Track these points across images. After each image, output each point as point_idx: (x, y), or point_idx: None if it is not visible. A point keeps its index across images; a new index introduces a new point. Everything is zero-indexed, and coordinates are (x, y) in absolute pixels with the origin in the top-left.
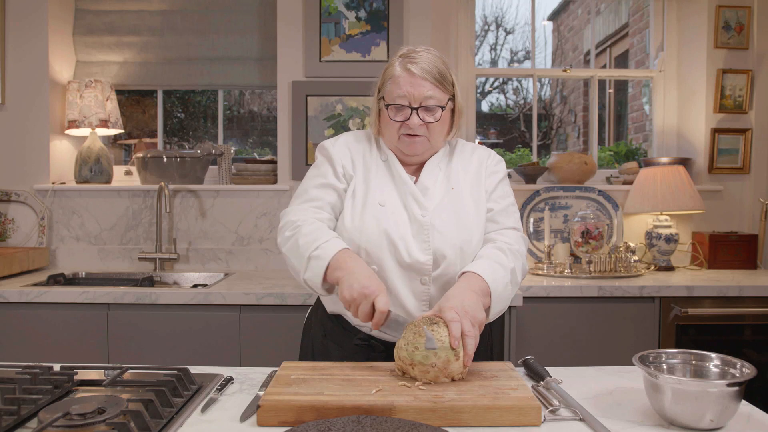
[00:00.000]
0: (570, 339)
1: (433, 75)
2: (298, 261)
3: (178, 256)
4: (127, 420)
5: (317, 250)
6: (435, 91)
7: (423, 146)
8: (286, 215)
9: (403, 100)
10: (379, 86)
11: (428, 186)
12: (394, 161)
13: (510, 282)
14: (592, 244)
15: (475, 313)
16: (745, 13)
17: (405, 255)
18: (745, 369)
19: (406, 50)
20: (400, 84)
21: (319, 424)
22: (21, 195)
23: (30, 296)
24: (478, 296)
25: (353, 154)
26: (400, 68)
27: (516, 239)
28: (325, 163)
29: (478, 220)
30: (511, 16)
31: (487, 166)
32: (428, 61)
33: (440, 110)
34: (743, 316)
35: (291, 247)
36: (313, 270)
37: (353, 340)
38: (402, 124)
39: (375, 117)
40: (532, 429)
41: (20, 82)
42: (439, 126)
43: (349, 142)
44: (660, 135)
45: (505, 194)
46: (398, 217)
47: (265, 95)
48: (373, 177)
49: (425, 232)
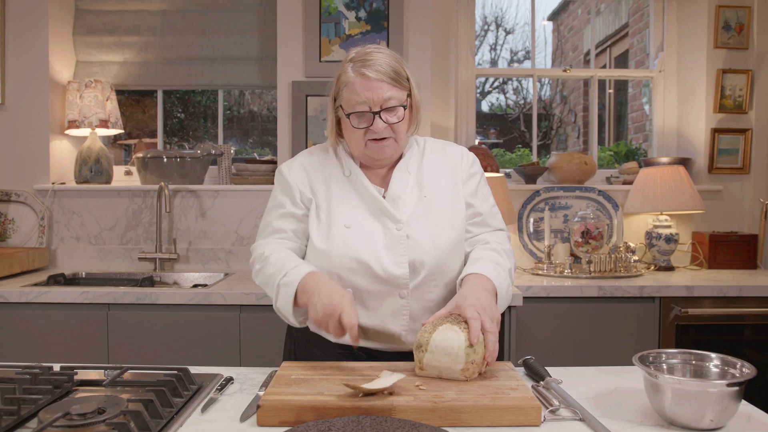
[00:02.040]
0: (570, 339)
1: (389, 75)
2: (270, 291)
3: (178, 256)
4: (127, 420)
5: (285, 277)
6: (393, 91)
7: (392, 148)
8: (254, 250)
9: (363, 106)
10: (334, 95)
11: (399, 195)
12: (358, 175)
13: (510, 283)
14: (592, 244)
15: (492, 309)
16: (745, 13)
17: (380, 271)
18: (745, 369)
19: (355, 53)
20: (357, 90)
21: (319, 424)
22: (21, 195)
23: (30, 296)
24: (490, 295)
25: (311, 176)
26: (354, 74)
27: (505, 239)
28: (282, 193)
29: (454, 224)
30: (511, 16)
31: (463, 168)
32: (381, 61)
33: (402, 109)
34: (743, 316)
35: (262, 278)
36: (284, 298)
37: (336, 349)
38: (366, 131)
39: (332, 126)
40: (532, 429)
41: (20, 82)
42: (403, 125)
43: (304, 163)
44: (660, 135)
45: (487, 194)
46: (367, 234)
47: (265, 95)
48: (335, 197)
49: (400, 245)
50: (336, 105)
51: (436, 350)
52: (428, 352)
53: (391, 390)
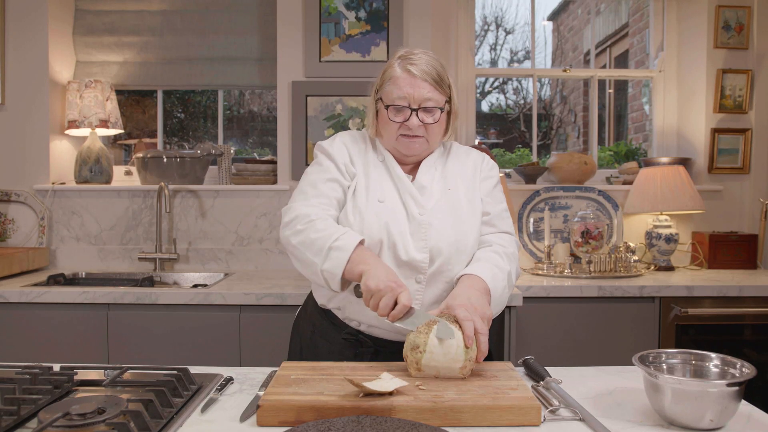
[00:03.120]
0: (570, 339)
1: (432, 77)
2: (314, 252)
3: (178, 256)
4: (127, 420)
5: (337, 241)
6: (434, 93)
7: (421, 147)
8: (292, 210)
9: (403, 101)
10: (377, 87)
11: (425, 185)
12: (391, 161)
13: (507, 285)
14: (592, 244)
15: (483, 309)
16: (745, 13)
17: (402, 252)
18: (745, 369)
19: (404, 51)
20: (400, 85)
21: (319, 424)
22: (21, 195)
23: (30, 296)
24: (482, 294)
25: (351, 153)
26: (399, 69)
27: (510, 242)
28: (327, 160)
29: (473, 220)
30: (511, 16)
31: (482, 170)
32: (427, 62)
33: (439, 111)
34: (743, 316)
35: (304, 240)
36: (335, 260)
37: (341, 335)
38: (401, 125)
39: (372, 117)
40: (531, 429)
41: (20, 82)
42: (437, 127)
43: (346, 141)
44: (660, 135)
45: (500, 199)
46: (397, 213)
47: (265, 95)
48: (372, 175)
49: (423, 230)
50: (377, 97)
51: (435, 350)
52: (426, 352)
53: (392, 390)
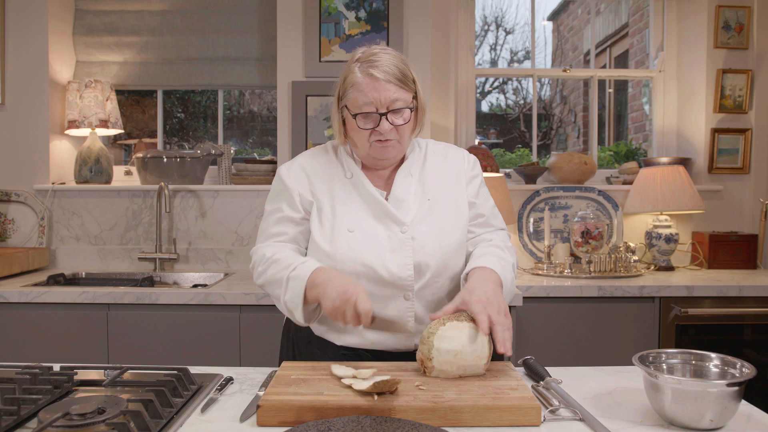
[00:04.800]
0: (570, 339)
1: (396, 76)
2: (276, 286)
3: (178, 256)
4: (127, 420)
5: (294, 270)
6: (400, 93)
7: (395, 150)
8: (255, 253)
9: (370, 107)
10: (339, 94)
11: (402, 198)
12: (360, 177)
13: (513, 277)
14: (592, 244)
15: (499, 301)
16: (745, 13)
17: (384, 274)
18: (745, 369)
19: (362, 53)
20: (364, 91)
21: (319, 424)
22: (21, 195)
23: (30, 296)
24: (497, 287)
25: (311, 178)
26: (361, 74)
27: (506, 238)
28: (280, 198)
29: (457, 225)
30: (511, 16)
31: (465, 171)
32: (388, 62)
33: (408, 111)
34: (743, 316)
35: (268, 277)
36: (293, 290)
37: (340, 351)
38: (372, 131)
39: (339, 126)
40: (531, 429)
41: (20, 82)
42: (408, 127)
43: (305, 165)
44: (660, 135)
45: (487, 195)
46: (371, 238)
47: (265, 95)
48: (338, 199)
49: (405, 247)
50: (341, 105)
51: (464, 349)
52: (455, 353)
53: (392, 390)
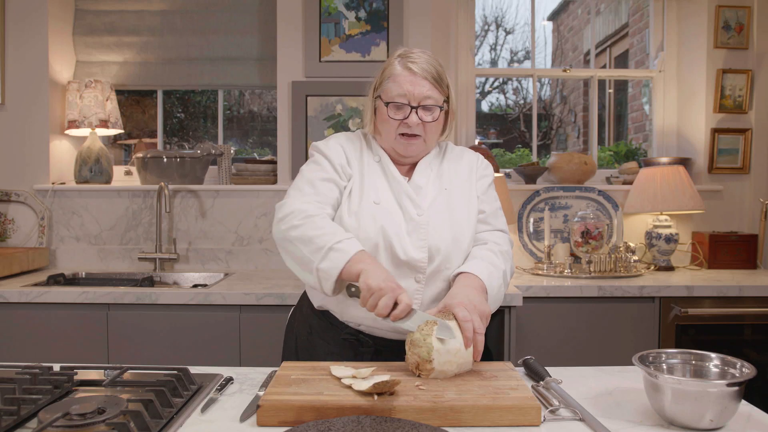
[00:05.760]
0: (570, 339)
1: (432, 75)
2: (311, 250)
3: (178, 256)
4: (127, 420)
5: (340, 243)
6: (433, 91)
7: (419, 148)
8: (287, 205)
9: (403, 98)
10: (376, 84)
11: (421, 185)
12: (387, 161)
13: (502, 283)
14: (592, 244)
15: (483, 308)
16: (745, 13)
17: (401, 252)
18: (745, 369)
19: (404, 50)
20: (400, 82)
21: (319, 424)
22: (21, 195)
23: (30, 296)
24: (480, 293)
25: (348, 154)
26: (400, 67)
27: (505, 240)
28: (324, 160)
29: (469, 219)
30: (511, 16)
31: (477, 169)
32: (427, 61)
33: (438, 110)
34: (743, 316)
35: (301, 235)
36: (333, 261)
37: (341, 335)
38: (400, 123)
39: (370, 115)
40: (531, 429)
41: (20, 82)
42: (435, 126)
43: (341, 142)
44: (660, 135)
45: (494, 198)
46: (393, 215)
47: (265, 95)
48: (367, 176)
49: (421, 230)
50: (376, 94)
51: (461, 347)
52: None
53: (392, 390)
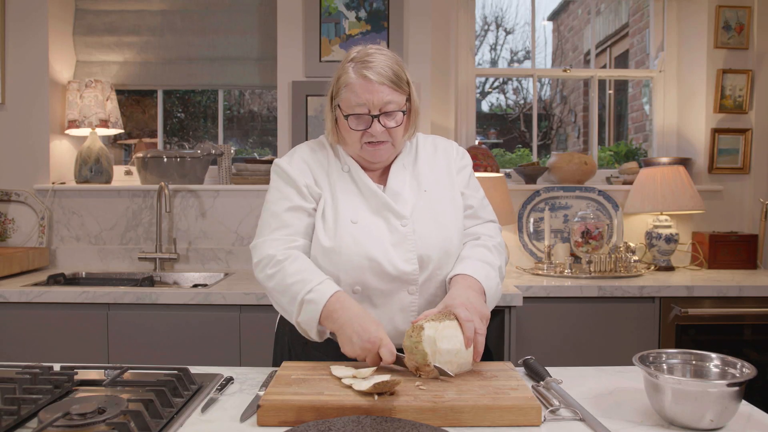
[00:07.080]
0: (570, 339)
1: (390, 78)
2: (288, 302)
3: (178, 256)
4: (127, 420)
5: (310, 293)
6: (393, 95)
7: (387, 152)
8: (259, 249)
9: (362, 108)
10: (332, 93)
11: (398, 191)
12: (357, 170)
13: (499, 282)
14: (592, 244)
15: (482, 309)
16: (745, 13)
17: (390, 268)
18: (745, 369)
19: (356, 53)
20: (357, 92)
21: (319, 424)
22: (21, 195)
23: (30, 296)
24: (479, 295)
25: (314, 170)
26: (354, 75)
27: (496, 231)
28: (287, 187)
29: (455, 219)
30: (511, 16)
31: (455, 160)
32: (383, 63)
33: (401, 114)
34: (743, 316)
35: (277, 286)
36: (308, 314)
37: (338, 351)
38: (364, 133)
39: (331, 125)
40: (532, 429)
41: (20, 82)
42: (401, 130)
43: (305, 157)
44: (660, 135)
45: (477, 187)
46: (374, 230)
47: (265, 95)
48: (339, 192)
49: (407, 241)
50: (334, 104)
51: (462, 347)
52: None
53: (392, 390)
